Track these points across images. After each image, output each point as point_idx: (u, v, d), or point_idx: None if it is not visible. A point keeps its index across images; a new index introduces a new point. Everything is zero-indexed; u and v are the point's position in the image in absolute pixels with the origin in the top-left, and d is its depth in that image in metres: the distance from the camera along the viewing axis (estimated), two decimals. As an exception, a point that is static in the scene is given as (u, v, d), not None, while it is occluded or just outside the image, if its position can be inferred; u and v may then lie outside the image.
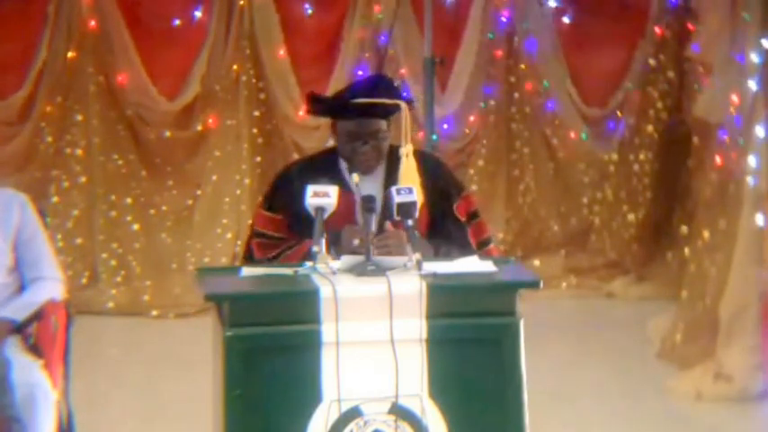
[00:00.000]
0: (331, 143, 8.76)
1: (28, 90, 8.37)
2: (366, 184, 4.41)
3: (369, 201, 4.24)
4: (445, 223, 4.47)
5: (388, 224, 4.36)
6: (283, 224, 4.49)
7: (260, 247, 4.51)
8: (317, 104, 4.65)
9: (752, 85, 6.38)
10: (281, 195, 4.52)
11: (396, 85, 4.63)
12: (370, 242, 4.09)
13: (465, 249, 4.40)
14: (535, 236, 8.93)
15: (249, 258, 4.54)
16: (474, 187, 8.77)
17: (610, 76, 8.86)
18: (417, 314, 3.78)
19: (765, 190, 6.29)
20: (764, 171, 6.30)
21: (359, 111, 4.43)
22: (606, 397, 6.38)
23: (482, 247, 4.54)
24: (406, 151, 4.35)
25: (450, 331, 3.82)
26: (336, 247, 4.27)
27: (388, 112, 4.46)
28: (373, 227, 4.27)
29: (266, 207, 4.58)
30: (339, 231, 4.33)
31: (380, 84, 4.58)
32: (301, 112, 8.58)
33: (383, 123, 4.47)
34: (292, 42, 8.60)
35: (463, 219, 4.55)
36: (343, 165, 4.53)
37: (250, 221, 4.75)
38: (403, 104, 4.39)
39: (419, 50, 7.81)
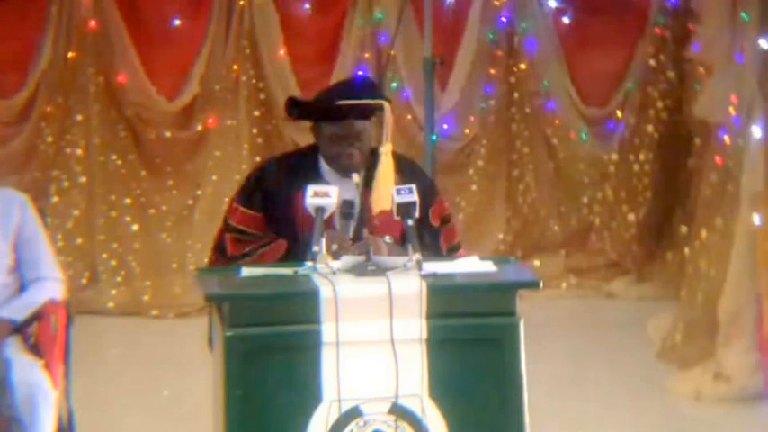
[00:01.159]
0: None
1: (28, 90, 8.37)
2: (345, 185, 4.35)
3: (347, 206, 4.20)
4: (421, 229, 4.38)
5: (365, 231, 4.33)
6: (260, 221, 4.44)
7: (233, 242, 4.45)
8: (298, 108, 4.57)
9: (750, 85, 6.38)
10: (259, 193, 4.47)
11: (376, 84, 4.59)
12: (348, 248, 4.09)
13: (436, 255, 4.36)
14: (535, 236, 8.92)
15: (221, 251, 4.46)
16: (474, 187, 8.77)
17: (610, 76, 8.85)
18: (417, 314, 3.78)
19: (763, 190, 6.29)
20: (762, 171, 6.30)
21: (344, 113, 4.38)
22: (606, 397, 6.38)
23: (452, 253, 4.49)
24: (386, 150, 4.27)
25: (450, 331, 3.83)
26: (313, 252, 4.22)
27: (373, 113, 4.41)
28: (351, 232, 4.23)
29: (243, 202, 4.51)
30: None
31: (362, 84, 4.54)
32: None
33: (367, 124, 4.42)
34: (292, 42, 8.59)
35: (437, 223, 4.52)
36: (324, 166, 4.50)
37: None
38: (386, 104, 4.33)
39: (419, 50, 7.81)
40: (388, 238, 4.27)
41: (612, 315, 8.19)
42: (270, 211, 4.42)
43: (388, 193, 4.12)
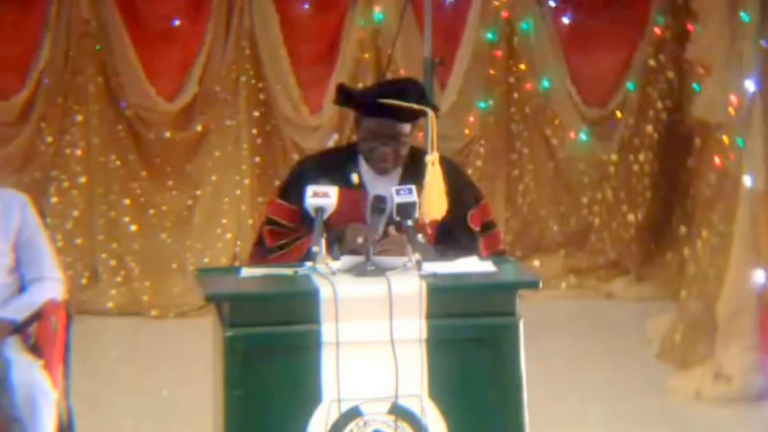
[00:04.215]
0: (331, 144, 8.81)
1: (28, 90, 8.37)
2: (380, 185, 4.39)
3: (379, 201, 4.22)
4: (455, 230, 4.43)
5: (391, 228, 4.34)
6: (296, 214, 4.46)
7: (271, 235, 4.50)
8: (345, 96, 4.61)
9: (749, 85, 6.38)
10: (296, 186, 4.48)
11: (426, 91, 4.60)
12: (373, 243, 4.09)
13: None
14: (535, 236, 8.92)
15: (260, 245, 4.53)
16: (474, 188, 8.76)
17: (610, 76, 8.85)
18: (417, 314, 3.78)
19: (762, 190, 6.29)
20: (761, 171, 6.30)
21: (384, 111, 4.39)
22: (606, 397, 6.38)
23: None
24: (432, 159, 4.26)
25: (450, 331, 3.83)
26: (339, 244, 4.26)
27: (413, 117, 4.41)
28: (380, 228, 4.26)
29: (281, 196, 4.56)
30: (344, 228, 4.32)
31: (411, 88, 4.51)
32: (305, 112, 8.60)
33: (406, 127, 4.43)
34: (292, 42, 8.60)
35: (477, 228, 4.52)
36: (362, 164, 4.50)
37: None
38: (430, 112, 4.34)
39: (419, 50, 7.81)
40: (419, 237, 4.28)
41: (612, 315, 8.19)
42: (305, 206, 4.44)
43: (440, 203, 4.16)
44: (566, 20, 8.79)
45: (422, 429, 3.80)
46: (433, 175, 4.25)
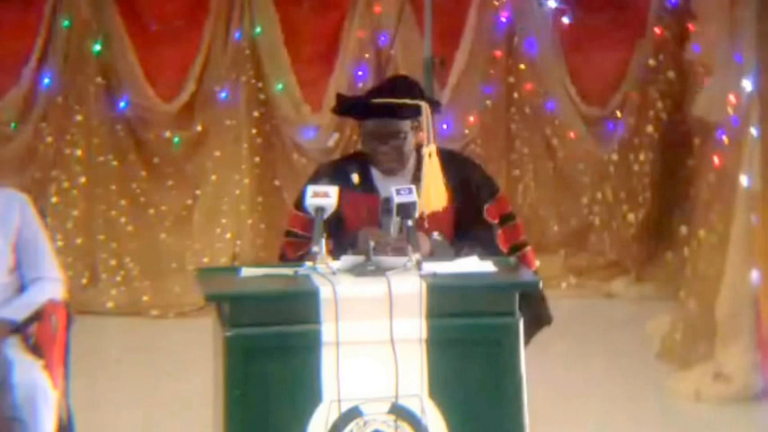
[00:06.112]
0: (330, 143, 8.80)
1: (28, 90, 8.37)
2: (392, 186, 4.38)
3: (388, 202, 4.23)
4: (472, 225, 4.43)
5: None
6: (312, 224, 4.47)
7: (289, 246, 4.51)
8: (341, 104, 4.66)
9: (748, 85, 6.38)
10: None
11: (418, 86, 4.61)
12: (387, 243, 4.10)
13: (491, 252, 4.34)
14: (535, 236, 8.91)
15: (282, 258, 4.54)
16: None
17: (610, 76, 8.85)
18: (417, 314, 3.78)
19: (760, 190, 6.29)
20: (759, 171, 6.30)
21: (377, 111, 4.42)
22: (606, 397, 6.38)
23: (515, 251, 4.49)
24: (428, 151, 4.30)
25: (450, 331, 3.83)
26: (356, 250, 4.26)
27: (408, 113, 4.42)
28: (393, 229, 4.25)
29: (297, 206, 4.56)
30: (356, 233, 4.33)
31: (401, 84, 4.55)
32: (306, 112, 8.60)
33: (403, 124, 4.43)
34: (292, 42, 8.60)
35: (495, 221, 4.52)
36: (373, 168, 4.51)
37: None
38: (424, 105, 4.36)
39: (419, 50, 7.81)
40: (436, 234, 4.29)
41: (612, 315, 8.19)
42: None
43: (438, 194, 4.19)
44: (566, 20, 8.79)
45: (422, 429, 3.81)
46: (431, 166, 4.28)
